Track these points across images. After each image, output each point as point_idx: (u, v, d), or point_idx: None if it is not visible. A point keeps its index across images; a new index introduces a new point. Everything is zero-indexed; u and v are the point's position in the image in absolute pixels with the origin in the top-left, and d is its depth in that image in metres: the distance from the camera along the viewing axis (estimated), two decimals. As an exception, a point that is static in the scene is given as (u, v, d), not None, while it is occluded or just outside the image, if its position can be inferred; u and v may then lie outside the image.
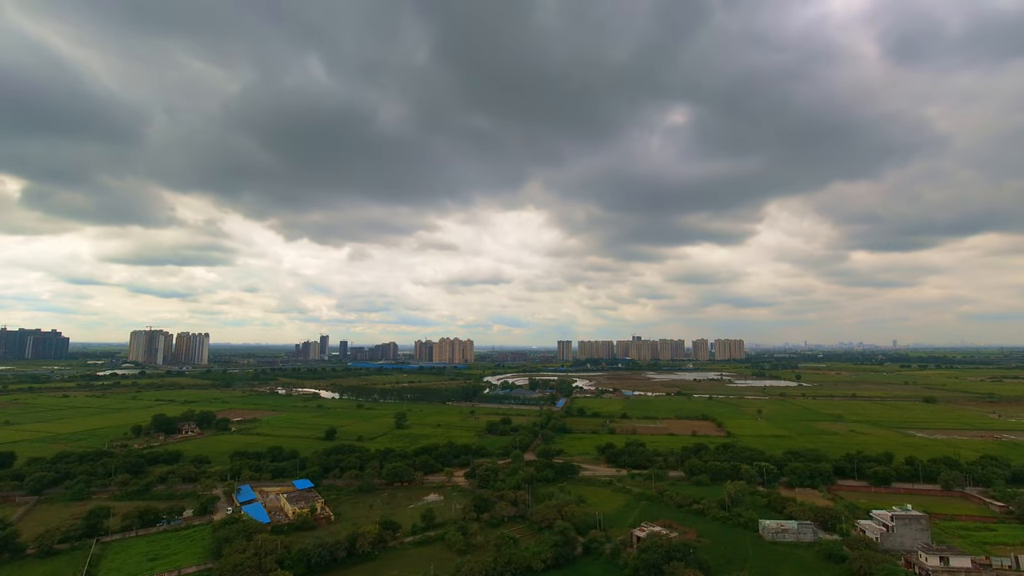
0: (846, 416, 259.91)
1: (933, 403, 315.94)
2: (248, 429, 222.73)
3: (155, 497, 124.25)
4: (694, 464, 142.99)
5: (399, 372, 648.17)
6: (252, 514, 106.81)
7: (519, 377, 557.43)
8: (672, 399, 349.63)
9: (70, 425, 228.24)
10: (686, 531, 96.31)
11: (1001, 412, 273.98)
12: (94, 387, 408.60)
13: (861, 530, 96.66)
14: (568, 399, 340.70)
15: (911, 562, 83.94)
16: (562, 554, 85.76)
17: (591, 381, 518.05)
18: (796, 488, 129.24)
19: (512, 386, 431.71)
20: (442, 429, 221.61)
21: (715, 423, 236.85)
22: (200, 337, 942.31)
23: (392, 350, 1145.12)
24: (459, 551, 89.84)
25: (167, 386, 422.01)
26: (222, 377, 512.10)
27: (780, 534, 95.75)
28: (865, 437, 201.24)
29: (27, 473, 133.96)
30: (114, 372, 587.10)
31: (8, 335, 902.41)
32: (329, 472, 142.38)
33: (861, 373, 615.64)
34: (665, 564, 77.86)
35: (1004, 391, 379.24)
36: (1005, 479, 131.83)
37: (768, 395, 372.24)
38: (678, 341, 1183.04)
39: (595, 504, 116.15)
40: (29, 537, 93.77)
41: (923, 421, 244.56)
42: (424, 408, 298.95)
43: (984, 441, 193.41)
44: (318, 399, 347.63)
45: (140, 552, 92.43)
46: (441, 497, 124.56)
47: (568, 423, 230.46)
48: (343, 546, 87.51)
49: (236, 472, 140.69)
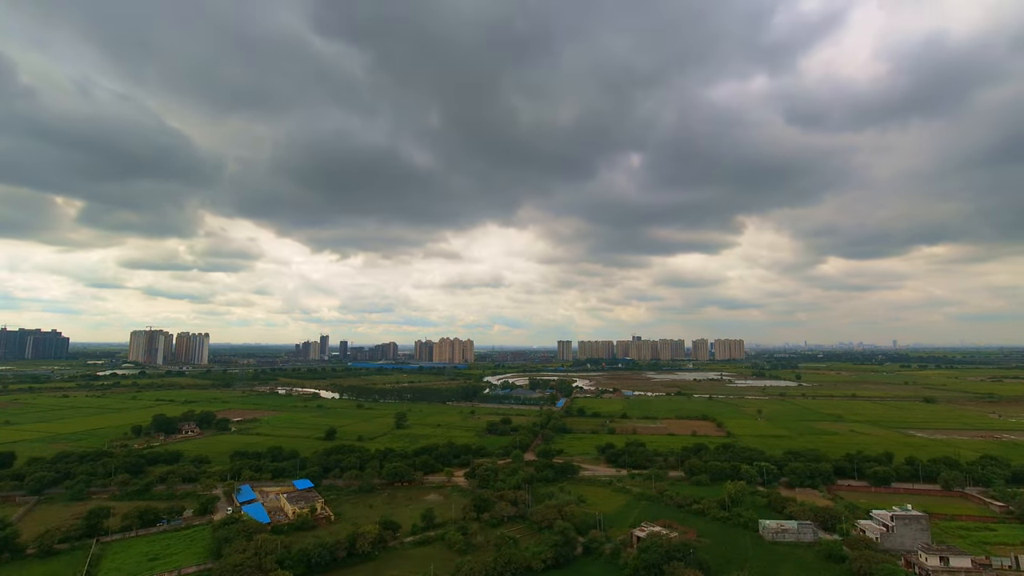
0: (846, 416, 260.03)
1: (933, 403, 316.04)
2: (248, 429, 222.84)
3: (155, 497, 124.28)
4: (694, 464, 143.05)
5: (399, 372, 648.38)
6: (252, 514, 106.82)
7: (519, 377, 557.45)
8: (672, 399, 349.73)
9: (70, 425, 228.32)
10: (686, 531, 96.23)
11: (1001, 412, 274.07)
12: (94, 387, 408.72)
13: (861, 530, 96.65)
14: (568, 399, 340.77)
15: (911, 562, 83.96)
16: (562, 554, 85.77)
17: (591, 381, 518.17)
18: (796, 488, 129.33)
19: (512, 386, 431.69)
20: (442, 429, 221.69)
21: (715, 423, 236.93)
22: (200, 337, 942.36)
23: (392, 350, 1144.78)
24: (459, 551, 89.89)
25: (167, 386, 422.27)
26: (222, 377, 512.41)
27: (780, 534, 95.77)
28: (865, 437, 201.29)
29: (27, 473, 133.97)
30: (114, 372, 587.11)
31: (8, 335, 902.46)
32: (329, 472, 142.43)
33: (861, 373, 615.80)
34: (665, 564, 77.86)
35: (1004, 391, 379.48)
36: (1005, 479, 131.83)
37: (768, 395, 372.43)
38: (678, 341, 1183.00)
39: (595, 504, 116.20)
40: (29, 537, 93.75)
41: (923, 421, 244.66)
42: (424, 408, 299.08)
43: (984, 441, 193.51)
44: (318, 399, 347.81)
45: (140, 552, 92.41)
46: (441, 497, 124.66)
47: (568, 423, 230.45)
48: (343, 546, 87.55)
49: (236, 472, 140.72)
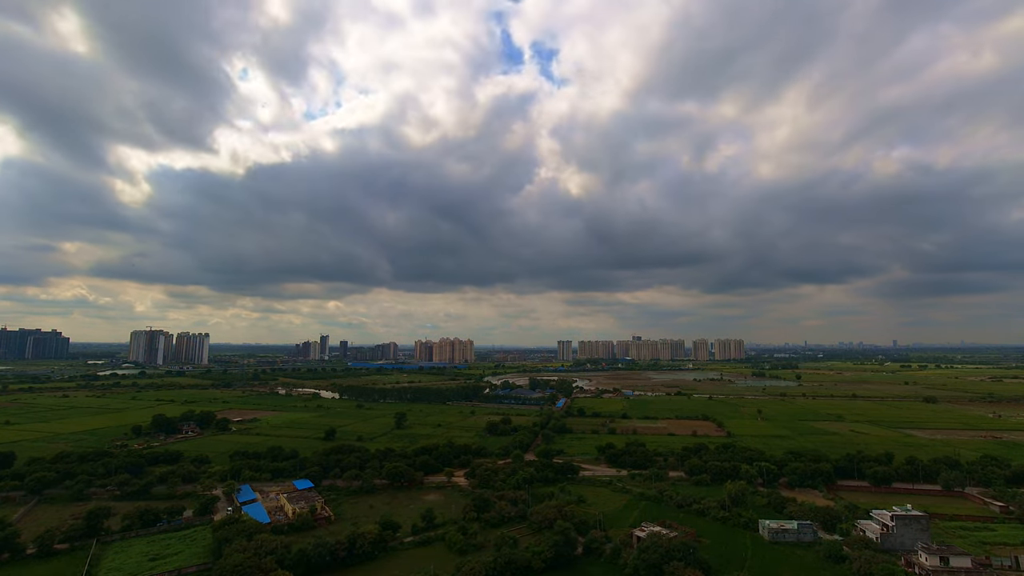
0: (846, 416, 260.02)
1: (933, 403, 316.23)
2: (248, 429, 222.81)
3: (155, 497, 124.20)
4: (694, 464, 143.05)
5: (399, 372, 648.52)
6: (252, 514, 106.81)
7: (519, 377, 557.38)
8: (672, 399, 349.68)
9: (70, 425, 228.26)
10: (686, 531, 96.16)
11: (1001, 412, 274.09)
12: (94, 387, 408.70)
13: (861, 530, 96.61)
14: (568, 399, 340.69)
15: (911, 562, 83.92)
16: (562, 554, 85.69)
17: (591, 381, 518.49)
18: (796, 488, 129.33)
19: (512, 386, 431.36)
20: (442, 429, 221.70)
21: (715, 423, 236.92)
22: (200, 337, 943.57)
23: (392, 350, 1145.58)
24: (459, 551, 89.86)
25: (167, 386, 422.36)
26: (222, 377, 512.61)
27: (780, 534, 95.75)
28: (865, 437, 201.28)
29: (27, 473, 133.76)
30: (114, 372, 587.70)
31: (8, 335, 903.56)
32: (329, 472, 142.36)
33: (861, 373, 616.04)
34: (665, 564, 77.81)
35: (1004, 391, 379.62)
36: (1005, 479, 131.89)
37: (768, 395, 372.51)
38: (678, 341, 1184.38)
39: (595, 504, 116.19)
40: (29, 537, 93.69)
41: (923, 421, 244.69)
42: (424, 408, 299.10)
43: (984, 441, 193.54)
44: (318, 399, 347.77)
45: (140, 552, 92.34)
46: (441, 497, 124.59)
47: (568, 423, 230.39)
48: (343, 546, 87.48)
49: (236, 472, 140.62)
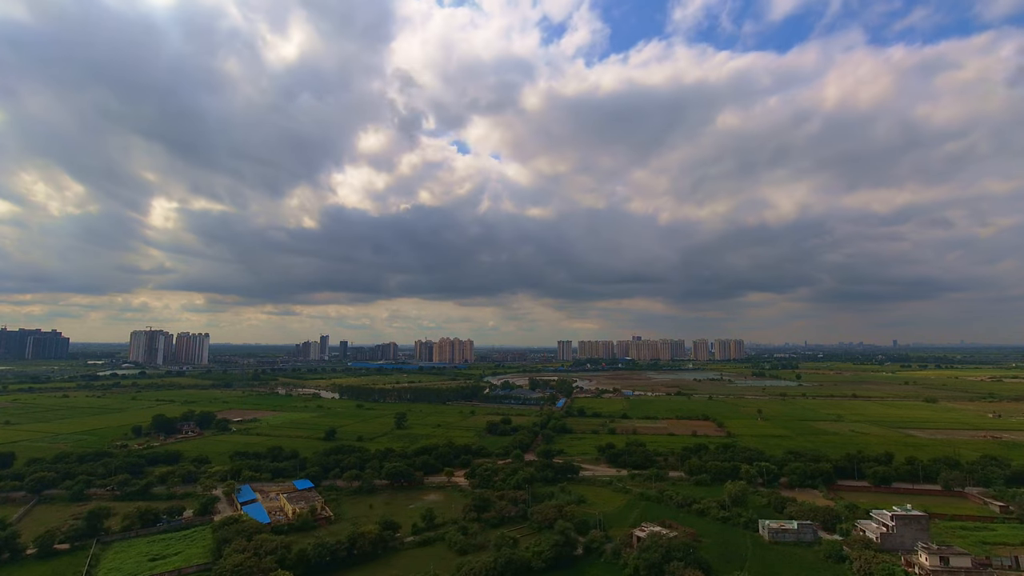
0: (846, 416, 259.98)
1: (933, 403, 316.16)
2: (248, 429, 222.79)
3: (155, 497, 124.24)
4: (694, 464, 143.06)
5: (399, 372, 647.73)
6: (252, 514, 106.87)
7: (519, 377, 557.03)
8: (672, 399, 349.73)
9: (70, 425, 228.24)
10: (686, 531, 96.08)
11: (1001, 412, 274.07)
12: (94, 387, 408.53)
13: (861, 530, 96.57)
14: (568, 399, 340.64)
15: (911, 562, 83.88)
16: (562, 554, 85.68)
17: (591, 381, 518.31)
18: (797, 488, 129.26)
19: (512, 386, 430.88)
20: (442, 429, 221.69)
21: (715, 423, 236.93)
22: (200, 337, 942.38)
23: (392, 350, 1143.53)
24: (459, 551, 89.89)
25: (167, 386, 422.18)
26: (222, 377, 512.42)
27: (781, 534, 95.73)
28: (865, 437, 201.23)
29: (27, 473, 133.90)
30: (114, 372, 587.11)
31: (8, 335, 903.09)
32: (329, 472, 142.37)
33: (861, 373, 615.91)
34: (665, 564, 77.83)
35: (1004, 391, 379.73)
36: (1005, 479, 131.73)
37: (768, 395, 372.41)
38: (678, 341, 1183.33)
39: (595, 504, 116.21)
40: (29, 537, 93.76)
41: (923, 421, 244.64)
42: (424, 408, 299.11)
43: (984, 441, 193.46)
44: (318, 399, 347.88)
45: (140, 552, 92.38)
46: (441, 497, 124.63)
47: (568, 423, 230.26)
48: (343, 546, 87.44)
49: (236, 472, 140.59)
